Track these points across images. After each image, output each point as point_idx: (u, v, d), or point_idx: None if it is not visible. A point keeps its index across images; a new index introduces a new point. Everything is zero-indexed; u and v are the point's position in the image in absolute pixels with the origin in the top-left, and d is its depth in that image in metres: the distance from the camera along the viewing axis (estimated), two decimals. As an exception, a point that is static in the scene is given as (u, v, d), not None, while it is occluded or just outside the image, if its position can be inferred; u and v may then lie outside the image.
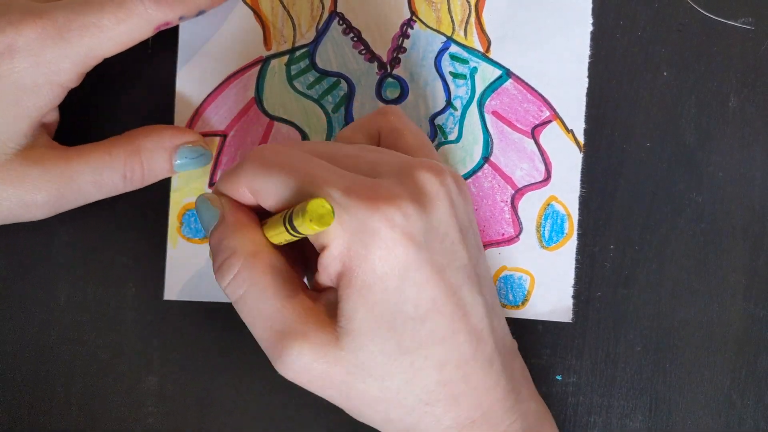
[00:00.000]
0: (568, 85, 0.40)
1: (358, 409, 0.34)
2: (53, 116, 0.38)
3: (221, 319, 0.40)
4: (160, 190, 0.40)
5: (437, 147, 0.40)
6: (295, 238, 0.32)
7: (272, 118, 0.40)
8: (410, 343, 0.32)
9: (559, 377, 0.41)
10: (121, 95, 0.40)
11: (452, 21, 0.40)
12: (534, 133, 0.40)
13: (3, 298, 0.40)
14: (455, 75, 0.40)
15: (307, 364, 0.32)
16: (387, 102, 0.40)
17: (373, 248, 0.30)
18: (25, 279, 0.40)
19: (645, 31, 0.40)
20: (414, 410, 0.33)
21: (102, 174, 0.37)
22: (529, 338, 0.40)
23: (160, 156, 0.38)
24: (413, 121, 0.38)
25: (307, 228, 0.30)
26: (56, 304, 0.40)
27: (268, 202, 0.32)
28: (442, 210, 0.32)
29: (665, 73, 0.41)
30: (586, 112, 0.40)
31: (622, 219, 0.41)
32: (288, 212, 0.31)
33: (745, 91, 0.40)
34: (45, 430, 0.40)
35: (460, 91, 0.40)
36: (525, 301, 0.40)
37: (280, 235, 0.32)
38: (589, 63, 0.40)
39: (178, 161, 0.38)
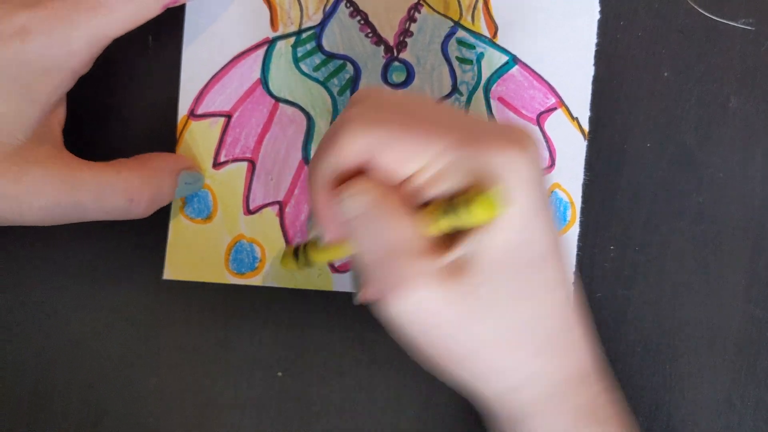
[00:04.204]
0: (574, 73, 0.40)
1: (459, 357, 0.31)
2: (61, 109, 0.37)
3: (222, 320, 0.40)
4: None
5: None
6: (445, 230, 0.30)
7: (277, 99, 0.40)
8: (534, 286, 0.30)
9: (558, 377, 0.40)
10: (124, 85, 0.40)
11: (459, 6, 0.40)
12: (539, 120, 0.40)
13: (3, 298, 0.40)
14: (462, 60, 0.40)
15: (420, 299, 0.29)
16: (393, 86, 0.40)
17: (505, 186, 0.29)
18: (25, 279, 0.40)
19: (645, 32, 0.41)
20: (526, 361, 0.31)
21: (105, 191, 0.35)
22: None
23: (169, 182, 0.37)
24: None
25: (473, 219, 0.28)
26: (56, 304, 0.40)
27: (388, 158, 0.30)
28: (540, 165, 0.31)
29: (666, 74, 0.41)
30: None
31: (622, 219, 0.41)
32: (454, 201, 0.29)
33: (745, 92, 0.41)
34: (45, 431, 0.40)
35: (466, 76, 0.40)
36: None
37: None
38: (589, 63, 0.41)
39: (177, 187, 0.38)
